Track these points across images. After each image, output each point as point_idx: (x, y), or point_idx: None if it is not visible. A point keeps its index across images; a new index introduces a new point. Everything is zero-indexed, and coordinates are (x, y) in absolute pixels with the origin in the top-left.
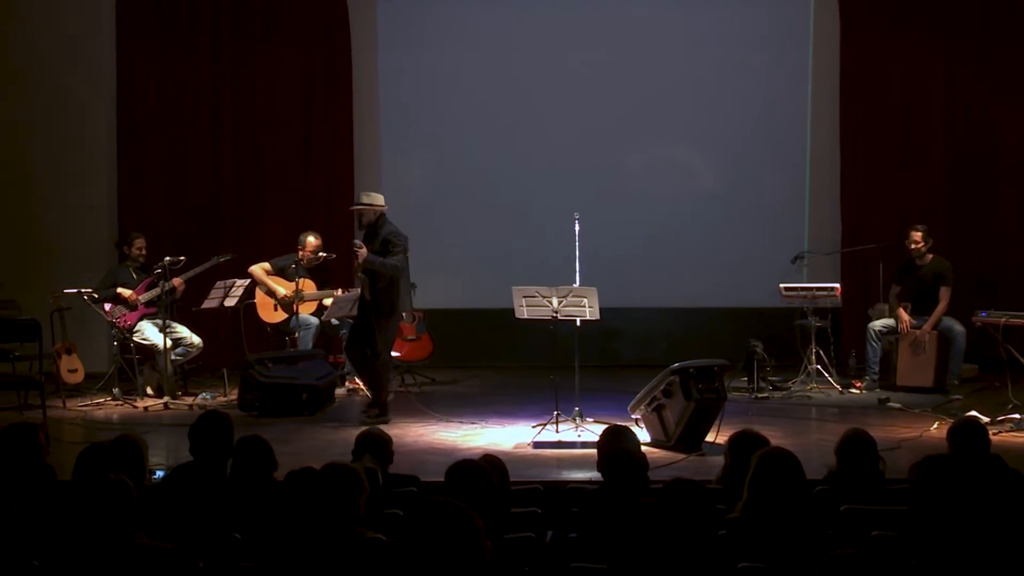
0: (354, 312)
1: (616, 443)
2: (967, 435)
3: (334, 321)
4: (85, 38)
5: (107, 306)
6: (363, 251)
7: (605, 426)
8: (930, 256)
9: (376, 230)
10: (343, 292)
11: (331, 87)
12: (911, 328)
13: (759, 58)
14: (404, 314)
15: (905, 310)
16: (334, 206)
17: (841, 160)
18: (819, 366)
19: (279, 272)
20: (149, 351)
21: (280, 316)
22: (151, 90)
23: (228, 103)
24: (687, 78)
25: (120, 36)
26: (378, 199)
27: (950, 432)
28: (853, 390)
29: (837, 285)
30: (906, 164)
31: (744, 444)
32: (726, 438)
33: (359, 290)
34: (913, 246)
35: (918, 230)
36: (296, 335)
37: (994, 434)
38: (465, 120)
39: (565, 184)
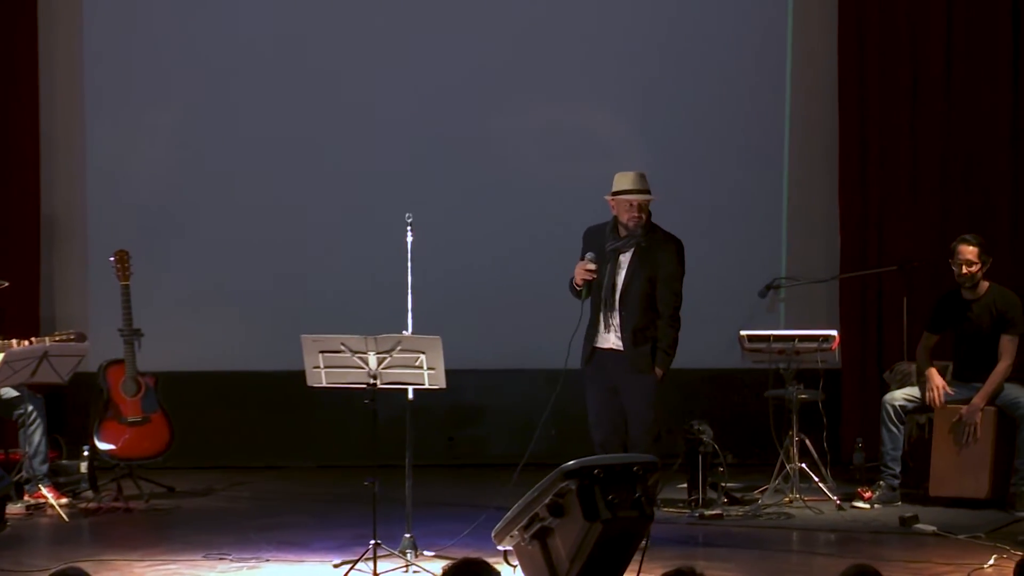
0: (36, 377)
1: None
2: None
3: (7, 392)
4: None
5: None
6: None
7: (449, 563)
8: (985, 285)
9: (650, 236)
10: (19, 344)
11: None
12: (953, 403)
13: None
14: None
15: (943, 373)
16: (4, 205)
17: (840, 133)
18: (804, 464)
19: None
20: None
21: None
22: None
23: None
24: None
25: None
26: None
27: (1017, 572)
28: (860, 503)
29: (834, 333)
30: (950, 141)
31: None
32: None
33: (47, 343)
34: (963, 270)
35: (970, 243)
36: None
37: None
38: (222, 73)
39: (387, 169)
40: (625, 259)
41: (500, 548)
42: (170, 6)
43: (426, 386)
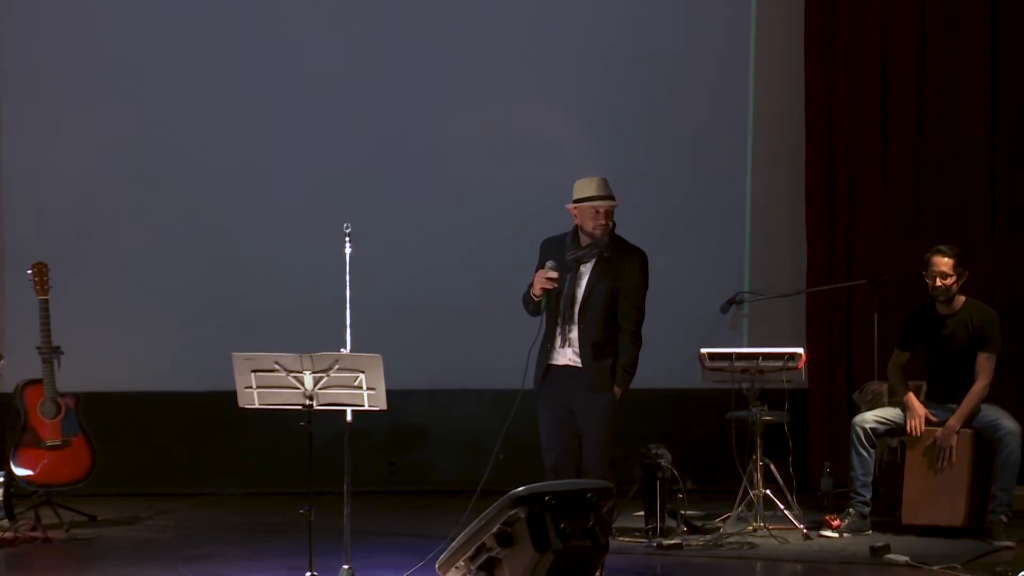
0: None
1: None
2: None
3: None
4: None
5: None
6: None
7: None
8: (962, 299)
9: (614, 246)
10: None
11: None
12: (928, 425)
13: None
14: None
15: (917, 393)
16: None
17: (806, 137)
18: (769, 491)
19: None
20: None
21: None
22: None
23: None
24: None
25: None
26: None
27: None
28: (828, 532)
29: (800, 350)
30: (922, 147)
31: None
32: None
33: None
34: (937, 282)
35: (945, 255)
36: None
37: None
38: (149, 78)
39: (324, 178)
40: (586, 269)
41: None
42: (84, 10)
43: (366, 407)
